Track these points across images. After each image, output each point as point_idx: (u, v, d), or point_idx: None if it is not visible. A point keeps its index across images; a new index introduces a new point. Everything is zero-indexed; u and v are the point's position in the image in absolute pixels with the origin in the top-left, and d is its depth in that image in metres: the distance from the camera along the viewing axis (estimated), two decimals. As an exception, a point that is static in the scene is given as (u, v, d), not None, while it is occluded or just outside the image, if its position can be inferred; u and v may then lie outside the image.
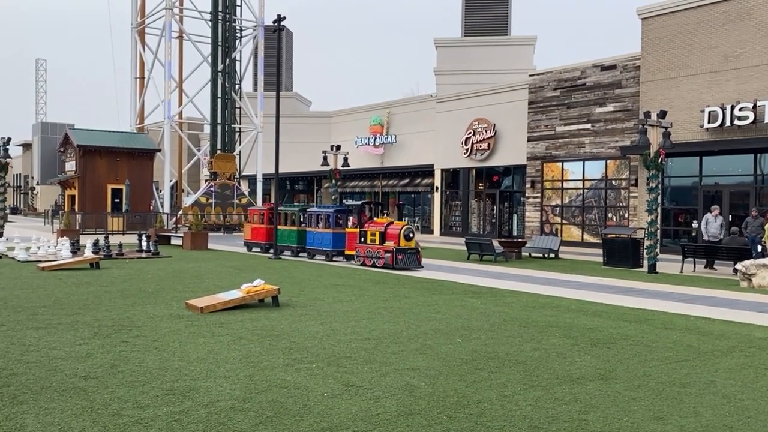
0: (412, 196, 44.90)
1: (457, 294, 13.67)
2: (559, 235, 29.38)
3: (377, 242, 19.11)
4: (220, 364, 7.36)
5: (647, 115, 19.16)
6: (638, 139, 19.17)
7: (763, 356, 8.24)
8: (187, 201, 41.67)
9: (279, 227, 22.54)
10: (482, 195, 37.08)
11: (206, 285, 14.37)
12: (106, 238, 21.89)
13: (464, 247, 24.10)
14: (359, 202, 21.03)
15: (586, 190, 30.02)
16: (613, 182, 29.00)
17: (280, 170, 25.44)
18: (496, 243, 23.13)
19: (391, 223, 19.63)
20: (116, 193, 37.32)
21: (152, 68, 43.68)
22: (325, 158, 31.07)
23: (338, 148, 31.57)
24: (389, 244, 18.76)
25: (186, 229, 31.88)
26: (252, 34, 44.12)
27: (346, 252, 20.53)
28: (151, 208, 39.80)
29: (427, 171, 40.24)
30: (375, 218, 21.23)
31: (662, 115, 19.41)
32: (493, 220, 36.12)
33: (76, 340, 8.49)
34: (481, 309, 11.66)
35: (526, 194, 32.40)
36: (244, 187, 45.26)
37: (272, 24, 24.37)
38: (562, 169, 30.92)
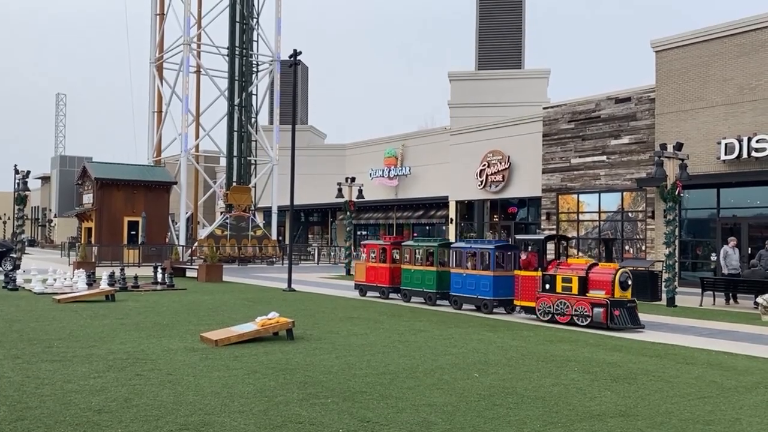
0: (427, 227, 44.82)
1: (473, 327, 13.52)
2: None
3: (575, 291, 14.14)
4: (234, 398, 7.28)
5: (663, 147, 19.08)
6: (654, 171, 19.07)
7: (790, 393, 8.03)
8: (203, 233, 41.89)
9: (408, 267, 18.59)
10: (497, 227, 36.93)
11: (221, 318, 14.33)
12: (122, 270, 21.99)
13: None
14: (539, 236, 15.99)
15: (602, 222, 29.81)
16: (630, 214, 28.78)
17: (295, 202, 25.28)
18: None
19: (595, 264, 14.63)
20: (133, 225, 37.59)
21: (170, 102, 44.35)
22: (339, 190, 31.17)
23: (353, 180, 31.71)
24: (597, 294, 13.85)
25: (201, 261, 31.97)
26: (268, 68, 44.75)
27: (517, 302, 15.57)
28: (167, 240, 40.02)
29: (442, 203, 40.22)
30: (564, 258, 16.47)
31: (678, 147, 19.32)
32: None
33: (90, 373, 8.46)
34: (498, 343, 11.50)
35: (542, 226, 32.22)
36: (259, 219, 45.45)
37: (288, 58, 24.71)
38: (578, 201, 30.77)
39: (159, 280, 22.20)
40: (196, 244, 39.46)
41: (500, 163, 35.52)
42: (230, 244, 39.13)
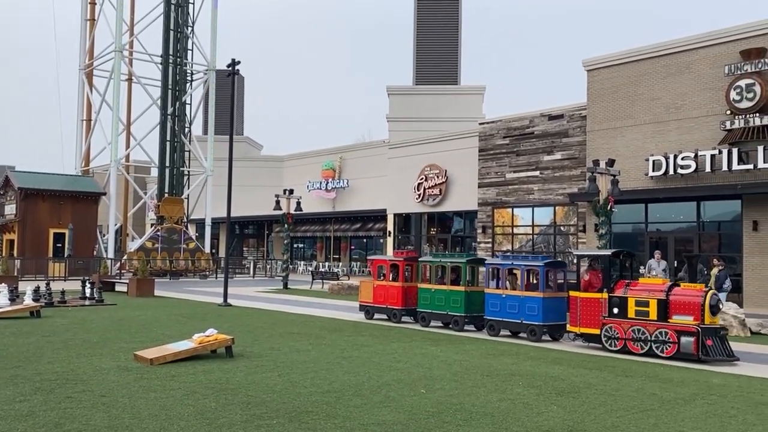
0: (364, 240, 44.76)
1: (415, 341, 13.47)
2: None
3: (653, 316, 12.20)
4: (173, 421, 6.95)
5: (596, 163, 19.65)
6: (588, 186, 19.59)
7: (725, 404, 8.29)
8: (133, 246, 40.48)
9: (427, 286, 16.45)
10: (434, 240, 37.23)
11: (154, 335, 13.78)
12: (47, 284, 20.94)
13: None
14: (606, 251, 13.67)
15: (535, 236, 30.45)
16: (562, 228, 29.52)
17: (231, 214, 24.61)
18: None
19: (676, 285, 12.65)
20: (59, 237, 35.98)
21: (100, 110, 42.82)
22: (277, 202, 30.74)
23: (291, 192, 31.36)
24: (683, 320, 11.85)
25: (131, 275, 30.86)
26: (203, 78, 43.87)
27: (572, 328, 13.46)
28: (95, 253, 38.47)
29: (380, 216, 40.27)
30: (634, 277, 14.24)
31: (611, 163, 19.93)
32: (445, 266, 36.12)
33: (15, 396, 7.92)
34: (441, 357, 11.48)
35: (478, 239, 32.66)
36: (192, 231, 44.33)
37: (226, 68, 24.25)
38: (512, 214, 31.35)
39: (87, 294, 21.25)
40: (125, 257, 38.09)
41: (437, 177, 35.87)
42: (161, 258, 37.95)
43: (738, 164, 22.16)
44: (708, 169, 22.95)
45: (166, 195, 39.86)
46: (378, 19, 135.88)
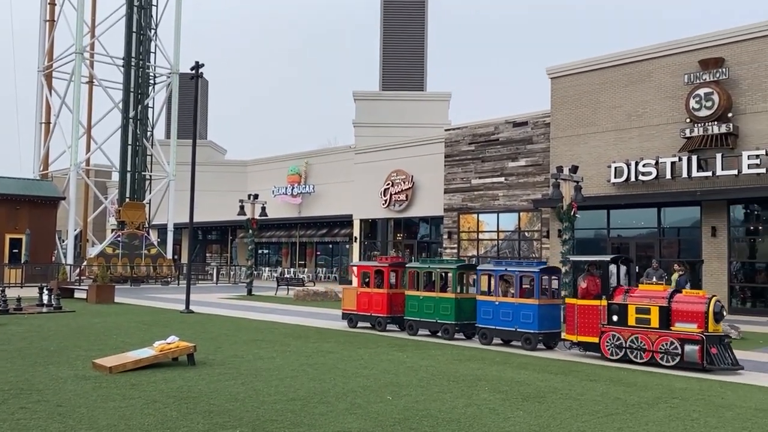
0: (330, 246, 44.55)
1: (382, 347, 13.39)
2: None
3: (654, 324, 11.81)
4: (132, 430, 6.75)
5: (560, 169, 19.89)
6: (552, 193, 19.80)
7: (688, 407, 8.40)
8: (93, 251, 39.58)
9: (415, 293, 15.81)
10: (400, 245, 37.24)
11: (114, 342, 13.44)
12: (3, 291, 20.28)
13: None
14: (605, 257, 13.21)
15: (500, 242, 30.68)
16: (526, 233, 29.80)
17: (194, 219, 24.18)
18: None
19: (678, 291, 12.40)
20: (15, 243, 34.98)
21: (59, 113, 41.84)
22: (242, 207, 30.39)
23: (255, 197, 31.04)
24: (686, 327, 11.49)
25: (91, 281, 30.15)
26: (166, 81, 43.22)
27: (569, 336, 13.04)
28: (54, 259, 37.52)
29: (346, 221, 40.13)
30: (635, 283, 14.15)
31: (574, 170, 20.18)
32: (411, 271, 36.16)
33: (-35, 408, 7.61)
34: (407, 363, 11.42)
35: (444, 245, 32.77)
36: (154, 236, 43.56)
37: (189, 71, 23.90)
38: (478, 220, 31.55)
39: (45, 302, 20.66)
40: (85, 263, 37.23)
41: (404, 183, 35.92)
42: (122, 264, 37.20)
43: (697, 171, 22.66)
44: (668, 176, 23.41)
45: (127, 200, 39.11)
46: (345, 23, 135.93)
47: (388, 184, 36.64)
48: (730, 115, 22.28)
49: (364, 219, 38.67)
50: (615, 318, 12.28)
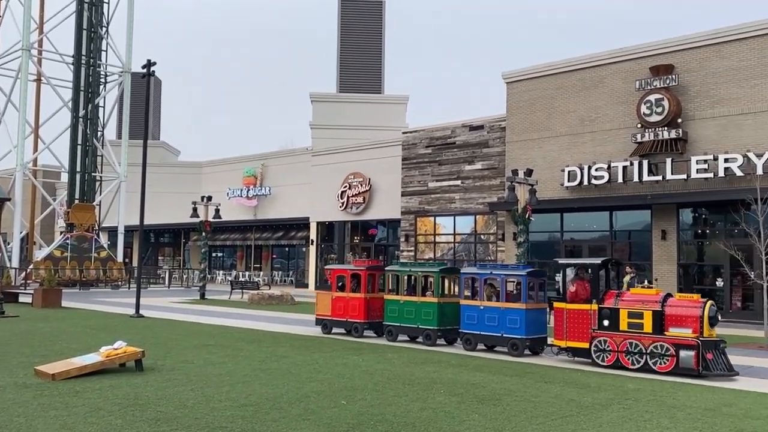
0: (287, 249, 44.11)
1: (337, 351, 13.22)
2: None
3: (647, 329, 11.52)
4: (74, 442, 6.44)
5: (515, 173, 20.02)
6: (507, 196, 19.93)
7: (640, 408, 8.47)
8: (40, 254, 38.31)
9: (395, 297, 15.28)
10: (358, 248, 37.08)
11: (59, 348, 12.94)
12: (-60, 296, 19.42)
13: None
14: (595, 260, 12.90)
15: (457, 244, 30.81)
16: (482, 236, 29.98)
17: (146, 222, 23.56)
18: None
19: (669, 296, 12.03)
20: (-45, 245, 33.59)
21: (4, 111, 40.44)
22: (195, 209, 29.80)
23: (209, 199, 30.48)
24: (680, 332, 11.25)
25: (37, 285, 29.13)
26: (117, 80, 42.18)
27: (557, 342, 12.73)
28: (-3, 262, 36.16)
29: (302, 224, 39.78)
30: (625, 287, 13.99)
31: (529, 173, 20.34)
32: (368, 274, 36.07)
33: None
34: (363, 367, 11.28)
35: (401, 248, 32.75)
36: (104, 239, 42.41)
37: (141, 70, 23.32)
38: (435, 223, 31.63)
39: (-15, 307, 19.81)
40: (31, 266, 35.99)
41: (361, 185, 35.79)
42: (71, 267, 36.08)
43: (648, 176, 23.13)
44: (620, 180, 23.83)
45: (76, 201, 38.00)
46: (303, 24, 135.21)
47: (346, 186, 36.47)
48: (679, 120, 22.81)
49: (321, 222, 38.39)
50: (606, 323, 11.95)
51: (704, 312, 11.21)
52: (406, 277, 15.36)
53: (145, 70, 22.77)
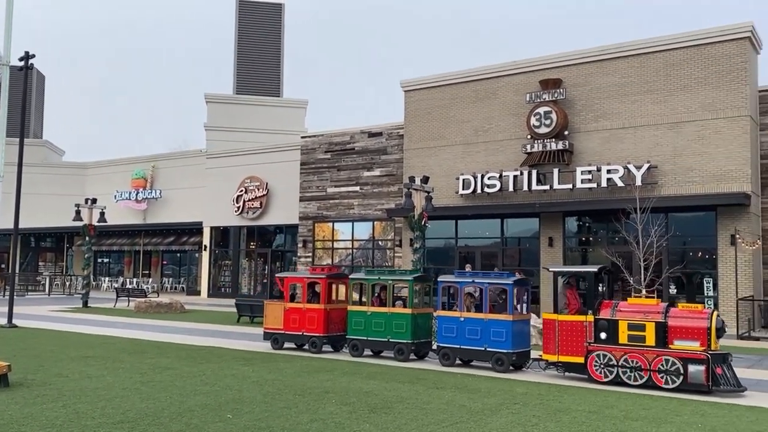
0: (178, 255, 42.44)
1: (226, 361, 12.72)
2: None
3: (650, 342, 10.75)
4: None
5: (412, 179, 20.18)
6: (404, 202, 20.04)
7: (528, 412, 8.62)
8: None
9: (361, 308, 14.10)
10: (254, 254, 36.25)
11: None
12: None
13: (234, 309, 23.01)
14: (591, 268, 12.15)
15: (355, 250, 30.76)
16: (380, 242, 30.10)
17: (26, 225, 21.89)
18: (267, 304, 22.31)
19: (671, 306, 11.33)
20: None
21: None
22: (78, 212, 28.08)
23: (94, 201, 28.82)
24: (687, 345, 10.52)
25: None
26: (-6, 72, 39.18)
27: (547, 356, 11.75)
28: None
29: (195, 229, 38.41)
30: (621, 297, 12.62)
31: (425, 180, 20.57)
32: (265, 280, 35.37)
33: None
34: (253, 377, 10.88)
35: (298, 254, 32.30)
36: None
37: (18, 61, 21.70)
38: (333, 229, 31.44)
39: None
40: None
41: (258, 190, 35.04)
42: (-65, 273, 33.07)
43: (537, 185, 23.99)
44: (511, 188, 24.59)
45: (-58, 202, 34.90)
46: (199, 23, 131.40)
47: (242, 190, 35.59)
48: (566, 133, 23.82)
49: (216, 227, 37.26)
50: (603, 335, 11.08)
51: (711, 323, 10.50)
52: (374, 287, 14.14)
53: (23, 63, 21.20)
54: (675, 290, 21.73)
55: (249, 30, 42.66)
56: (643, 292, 12.32)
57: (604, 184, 22.68)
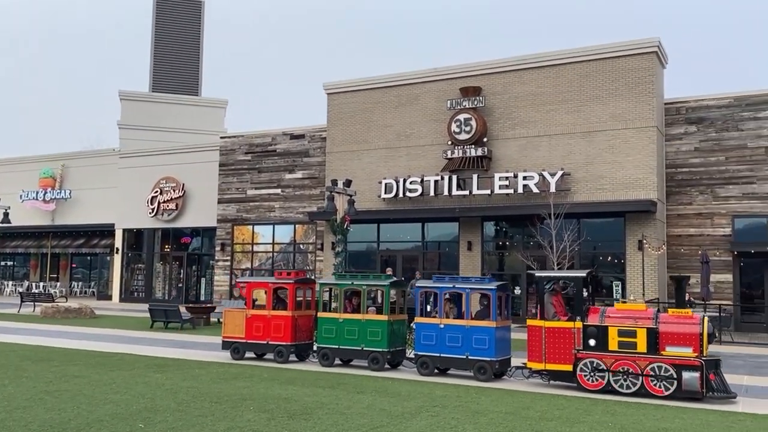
0: (88, 258, 40.65)
1: (138, 369, 12.23)
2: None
3: (641, 348, 10.48)
4: None
5: (334, 183, 20.10)
6: (326, 206, 19.93)
7: (447, 415, 8.70)
8: None
9: (332, 315, 13.39)
10: (168, 257, 35.13)
11: None
12: None
13: (148, 314, 22.22)
14: (579, 272, 11.91)
15: (275, 254, 30.35)
16: (301, 246, 29.83)
17: None
18: (183, 309, 21.80)
19: (660, 311, 11.25)
20: None
21: None
22: (-22, 213, 26.41)
23: (-4, 201, 27.19)
24: (679, 351, 10.31)
25: None
26: None
27: (532, 364, 11.38)
28: None
29: (107, 231, 36.88)
30: (609, 301, 12.26)
31: (348, 183, 20.53)
32: (180, 285, 34.36)
33: None
34: (167, 385, 10.50)
35: (216, 257, 31.57)
36: None
37: None
38: (253, 232, 30.91)
39: None
40: None
41: (174, 191, 34.01)
42: None
43: (457, 190, 24.42)
44: (432, 193, 24.92)
45: None
46: (112, 17, 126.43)
47: (157, 191, 34.45)
48: (485, 139, 24.36)
49: (129, 229, 35.90)
50: (592, 342, 10.77)
51: (703, 329, 10.34)
52: (346, 292, 13.54)
53: None
54: (586, 293, 22.48)
55: (167, 26, 41.47)
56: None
57: (520, 190, 23.33)
